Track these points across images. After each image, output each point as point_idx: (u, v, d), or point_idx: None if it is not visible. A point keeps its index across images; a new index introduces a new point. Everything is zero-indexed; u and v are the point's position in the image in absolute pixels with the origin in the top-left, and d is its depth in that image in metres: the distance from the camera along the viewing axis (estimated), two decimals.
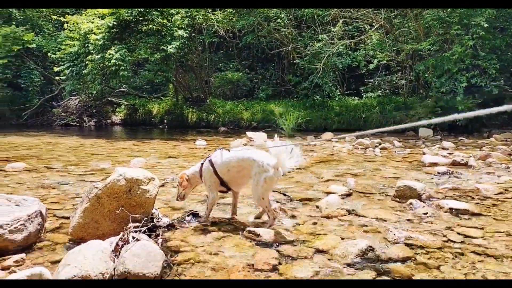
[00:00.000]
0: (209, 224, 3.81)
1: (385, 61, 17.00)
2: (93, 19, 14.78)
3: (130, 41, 14.97)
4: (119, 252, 2.75)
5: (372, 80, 19.91)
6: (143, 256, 2.67)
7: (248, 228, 3.55)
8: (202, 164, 4.02)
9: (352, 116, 16.01)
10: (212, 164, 3.89)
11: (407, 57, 15.88)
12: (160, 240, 3.31)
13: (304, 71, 17.91)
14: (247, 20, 17.42)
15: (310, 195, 5.00)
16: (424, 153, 8.69)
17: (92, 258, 2.58)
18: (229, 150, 3.98)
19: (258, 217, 4.06)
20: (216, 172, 3.87)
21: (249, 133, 12.81)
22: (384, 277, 2.71)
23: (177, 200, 4.16)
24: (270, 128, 15.25)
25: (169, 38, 14.89)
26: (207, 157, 4.02)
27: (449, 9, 13.67)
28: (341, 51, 17.36)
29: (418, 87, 17.31)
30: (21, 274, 2.45)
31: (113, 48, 13.80)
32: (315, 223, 3.87)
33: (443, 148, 9.75)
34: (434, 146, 10.27)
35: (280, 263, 2.92)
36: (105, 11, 14.40)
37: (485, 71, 13.30)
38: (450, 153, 8.58)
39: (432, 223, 3.86)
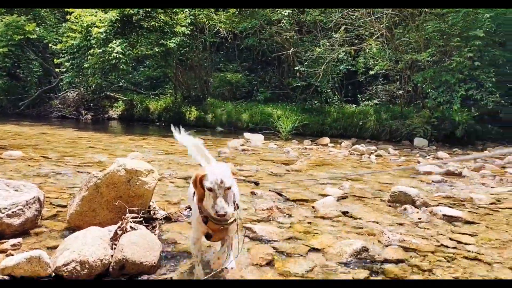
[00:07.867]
0: None
1: (384, 70, 17.09)
2: (96, 12, 14.75)
3: (132, 36, 14.96)
4: (118, 240, 2.77)
5: (370, 88, 20.02)
6: (141, 244, 2.69)
7: (244, 225, 3.59)
8: None
9: (349, 123, 16.07)
10: None
11: (406, 67, 15.96)
12: (157, 231, 3.34)
13: (303, 76, 17.97)
14: (250, 22, 17.46)
15: (306, 196, 5.04)
16: (419, 162, 8.75)
17: (91, 243, 2.60)
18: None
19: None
20: None
21: (247, 134, 12.83)
22: (378, 277, 2.75)
23: None
24: (267, 130, 15.28)
25: (171, 34, 14.90)
26: None
27: (450, 21, 13.78)
28: (341, 57, 17.45)
29: (415, 97, 17.41)
30: (19, 257, 2.47)
31: (114, 41, 13.79)
32: (310, 223, 3.91)
33: (437, 158, 9.82)
34: (429, 155, 10.35)
35: (275, 259, 2.96)
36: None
37: (481, 84, 13.41)
38: (444, 163, 8.64)
39: (425, 228, 3.91)
